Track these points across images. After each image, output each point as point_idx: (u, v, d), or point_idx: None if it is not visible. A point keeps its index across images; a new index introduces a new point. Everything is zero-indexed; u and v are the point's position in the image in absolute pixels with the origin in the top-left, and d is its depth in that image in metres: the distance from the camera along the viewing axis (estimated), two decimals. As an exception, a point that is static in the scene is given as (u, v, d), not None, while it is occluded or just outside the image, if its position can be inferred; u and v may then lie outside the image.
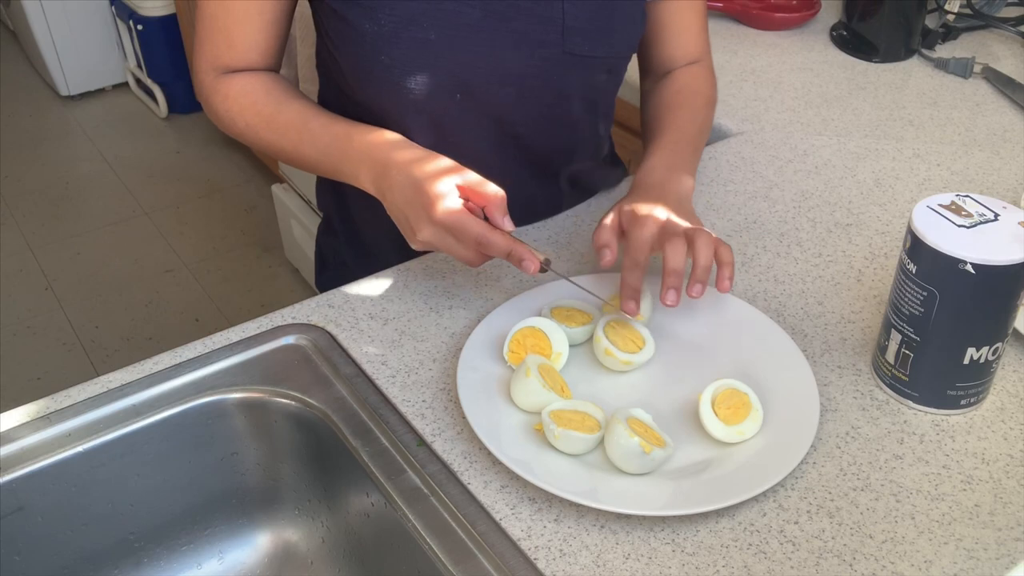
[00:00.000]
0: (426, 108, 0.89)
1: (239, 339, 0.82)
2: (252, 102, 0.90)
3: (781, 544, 0.65)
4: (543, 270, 0.77)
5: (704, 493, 0.67)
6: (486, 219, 0.78)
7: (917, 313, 0.72)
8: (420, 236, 0.77)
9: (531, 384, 0.73)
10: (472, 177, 0.78)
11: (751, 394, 0.73)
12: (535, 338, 0.79)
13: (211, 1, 0.90)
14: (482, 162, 0.82)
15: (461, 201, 0.77)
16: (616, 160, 1.13)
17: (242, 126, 0.91)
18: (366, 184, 0.83)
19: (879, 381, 0.78)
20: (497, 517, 0.67)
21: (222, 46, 0.91)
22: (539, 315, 0.82)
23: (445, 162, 0.79)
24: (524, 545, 0.65)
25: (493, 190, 0.77)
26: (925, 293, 0.71)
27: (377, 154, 0.82)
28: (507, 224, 0.77)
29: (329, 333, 0.83)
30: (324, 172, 0.90)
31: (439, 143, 0.85)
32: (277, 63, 0.96)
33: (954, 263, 0.68)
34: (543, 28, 0.87)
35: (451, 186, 0.77)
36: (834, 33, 1.42)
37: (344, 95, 0.95)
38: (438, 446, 0.72)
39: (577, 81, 0.93)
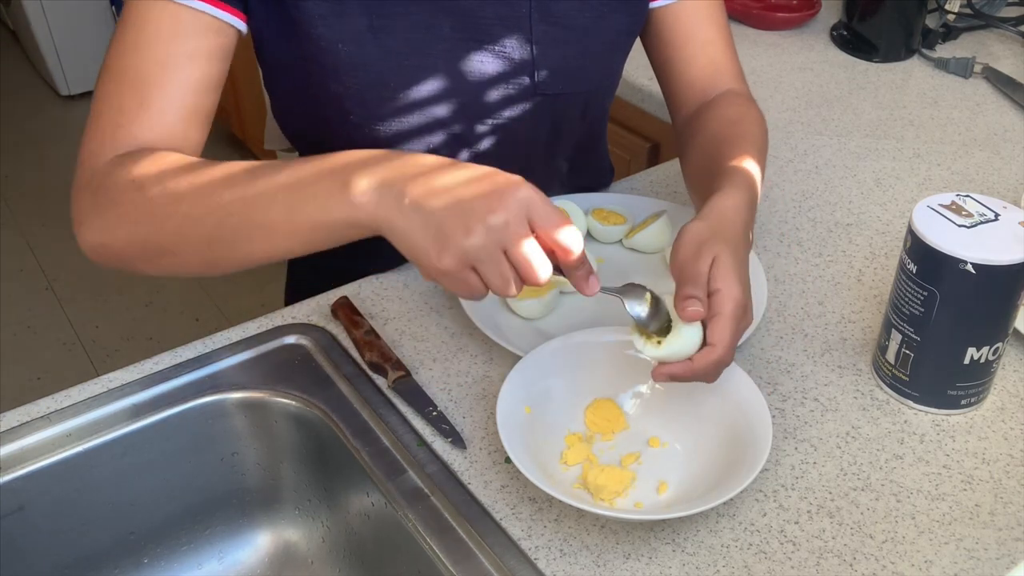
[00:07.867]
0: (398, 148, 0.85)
1: (239, 339, 0.82)
2: (177, 160, 0.69)
3: (781, 544, 0.65)
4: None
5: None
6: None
7: (917, 313, 0.72)
8: (492, 219, 0.59)
9: None
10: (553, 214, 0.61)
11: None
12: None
13: (121, 54, 0.71)
14: None
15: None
16: (607, 163, 1.10)
17: (158, 197, 0.67)
18: (362, 189, 0.62)
19: (879, 381, 0.78)
20: (497, 517, 0.67)
21: (130, 105, 0.71)
22: None
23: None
24: (524, 545, 0.65)
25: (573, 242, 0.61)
26: (925, 293, 0.71)
27: (397, 153, 0.64)
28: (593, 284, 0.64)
29: (329, 333, 0.83)
30: (282, 212, 0.65)
31: None
32: (197, 151, 0.75)
33: (954, 263, 0.68)
34: (514, 70, 0.83)
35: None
36: (834, 33, 1.42)
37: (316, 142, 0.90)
38: (438, 446, 0.72)
39: (559, 116, 0.90)
